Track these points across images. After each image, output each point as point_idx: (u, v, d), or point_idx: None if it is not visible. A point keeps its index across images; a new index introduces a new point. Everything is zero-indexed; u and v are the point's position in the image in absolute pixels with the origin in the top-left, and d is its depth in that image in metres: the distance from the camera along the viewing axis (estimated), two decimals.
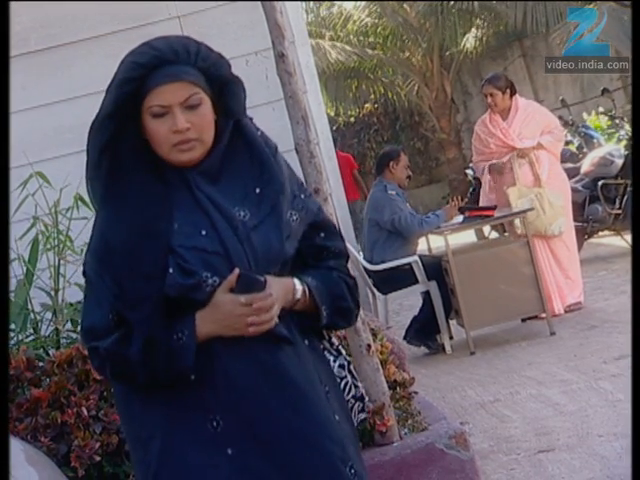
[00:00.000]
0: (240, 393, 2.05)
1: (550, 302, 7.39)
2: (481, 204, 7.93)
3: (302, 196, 2.20)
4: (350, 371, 2.29)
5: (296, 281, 2.14)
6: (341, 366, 2.28)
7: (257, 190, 2.13)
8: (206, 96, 2.10)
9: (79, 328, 2.16)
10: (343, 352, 2.30)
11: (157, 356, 2.03)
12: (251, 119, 2.19)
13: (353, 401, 2.28)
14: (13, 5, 3.06)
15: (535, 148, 7.65)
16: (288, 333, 2.10)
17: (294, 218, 2.15)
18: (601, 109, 12.41)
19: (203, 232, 2.08)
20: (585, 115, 11.42)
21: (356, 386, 2.30)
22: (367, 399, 2.33)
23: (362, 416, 2.32)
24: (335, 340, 2.30)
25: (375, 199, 7.58)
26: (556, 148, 7.85)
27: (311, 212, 2.21)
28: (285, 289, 2.11)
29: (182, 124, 2.07)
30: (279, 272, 2.14)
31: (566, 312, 7.58)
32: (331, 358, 2.27)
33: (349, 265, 2.31)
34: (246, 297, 2.04)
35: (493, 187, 7.80)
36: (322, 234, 2.22)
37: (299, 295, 2.13)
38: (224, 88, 2.12)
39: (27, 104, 5.20)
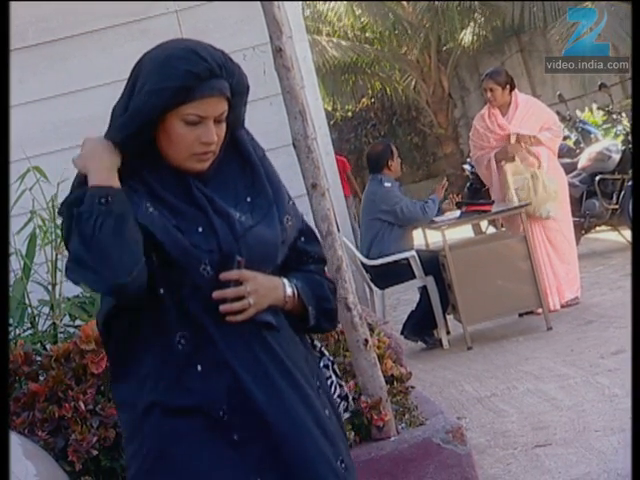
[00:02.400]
0: (243, 383, 2.07)
1: (547, 297, 7.40)
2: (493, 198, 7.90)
3: (291, 202, 2.24)
4: (334, 370, 2.34)
5: (285, 280, 2.18)
6: (325, 366, 2.32)
7: (248, 199, 2.16)
8: None
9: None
10: (326, 353, 2.34)
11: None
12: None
13: (338, 400, 2.32)
14: None
15: (534, 143, 7.65)
16: (272, 319, 2.12)
17: (290, 224, 2.19)
18: (595, 105, 12.41)
19: (200, 229, 2.09)
20: (578, 112, 11.40)
21: (340, 385, 2.34)
22: (350, 398, 2.37)
23: (346, 415, 2.36)
24: (317, 343, 2.34)
25: (372, 193, 7.57)
26: (554, 144, 7.86)
27: (299, 217, 2.25)
28: (273, 285, 2.14)
29: (214, 137, 2.09)
30: (271, 274, 2.17)
31: (563, 307, 7.59)
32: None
33: (346, 260, 2.34)
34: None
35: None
36: (302, 238, 2.26)
37: (289, 293, 2.16)
38: (233, 101, 2.14)
39: (24, 98, 5.20)
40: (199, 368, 2.08)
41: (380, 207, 7.40)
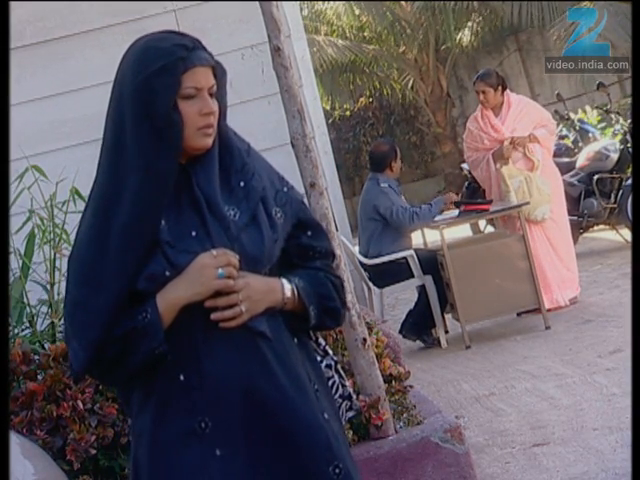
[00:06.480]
0: (227, 394, 2.05)
1: (550, 294, 7.41)
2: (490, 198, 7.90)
3: (285, 189, 2.20)
4: (337, 371, 2.31)
5: (284, 281, 2.14)
6: (328, 366, 2.29)
7: (241, 184, 2.13)
8: None
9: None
10: (330, 352, 2.32)
11: (130, 342, 2.04)
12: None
13: (340, 400, 2.30)
14: None
15: (532, 140, 7.65)
16: (266, 328, 2.09)
17: (278, 216, 2.15)
18: (592, 105, 12.40)
19: (193, 233, 2.07)
20: (572, 114, 11.39)
21: (343, 385, 2.31)
22: (354, 398, 2.34)
23: (350, 414, 2.33)
24: (322, 341, 2.31)
25: (368, 193, 7.58)
26: (550, 141, 7.88)
27: (296, 203, 2.20)
28: (269, 288, 2.11)
29: (213, 107, 2.08)
30: (268, 273, 2.14)
31: (563, 306, 7.58)
32: (318, 358, 2.27)
33: (345, 259, 2.32)
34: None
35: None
36: (309, 232, 2.22)
37: (288, 294, 2.13)
38: (217, 87, 2.12)
39: (22, 97, 5.20)
40: (182, 378, 2.06)
41: (374, 208, 7.42)
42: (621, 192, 9.48)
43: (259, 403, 2.06)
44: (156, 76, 2.04)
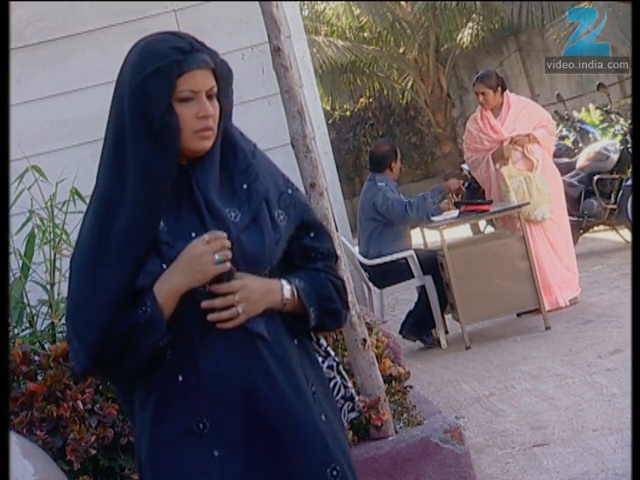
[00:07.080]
0: (225, 395, 2.06)
1: (550, 294, 7.41)
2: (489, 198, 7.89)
3: (289, 191, 2.20)
4: (339, 372, 2.30)
5: (284, 282, 2.14)
6: (330, 367, 2.28)
7: (244, 186, 2.13)
8: None
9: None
10: (332, 353, 2.31)
11: (133, 338, 2.04)
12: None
13: (342, 401, 2.29)
14: None
15: (530, 141, 7.65)
16: (264, 330, 2.09)
17: (281, 218, 2.15)
18: (593, 105, 12.41)
19: (193, 234, 2.07)
20: (575, 113, 11.39)
21: (345, 386, 2.30)
22: (357, 399, 2.34)
23: (352, 415, 2.33)
24: (323, 342, 2.30)
25: (367, 193, 7.59)
26: (549, 142, 7.87)
27: (300, 205, 2.20)
28: (267, 289, 2.11)
29: (210, 109, 2.07)
30: (268, 274, 2.14)
31: (563, 307, 7.58)
32: (319, 359, 2.27)
33: (345, 259, 2.32)
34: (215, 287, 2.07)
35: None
36: (311, 234, 2.21)
37: (288, 295, 2.13)
38: (220, 87, 2.12)
39: (23, 98, 5.20)
40: (180, 378, 2.07)
41: (373, 207, 7.42)
42: (621, 192, 9.48)
43: (257, 404, 2.06)
44: (151, 78, 2.04)
